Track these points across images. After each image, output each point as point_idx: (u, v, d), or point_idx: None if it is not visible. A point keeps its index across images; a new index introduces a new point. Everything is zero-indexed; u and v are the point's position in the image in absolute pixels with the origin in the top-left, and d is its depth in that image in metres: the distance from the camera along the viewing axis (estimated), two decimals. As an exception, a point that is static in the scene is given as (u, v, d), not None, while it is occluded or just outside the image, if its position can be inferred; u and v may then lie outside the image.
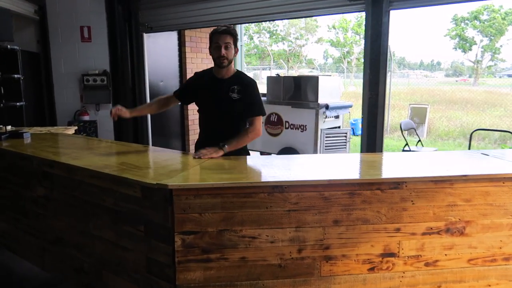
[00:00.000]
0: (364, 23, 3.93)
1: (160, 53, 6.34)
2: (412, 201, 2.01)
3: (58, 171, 2.39)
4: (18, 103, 3.14)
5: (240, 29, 7.69)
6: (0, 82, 3.12)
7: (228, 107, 2.48)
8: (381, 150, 3.90)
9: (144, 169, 2.11)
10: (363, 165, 2.38)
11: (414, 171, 2.19)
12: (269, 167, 2.20)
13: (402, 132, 5.88)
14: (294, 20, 31.82)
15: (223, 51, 2.39)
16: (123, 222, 2.13)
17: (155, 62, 6.24)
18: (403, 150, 5.79)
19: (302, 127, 5.83)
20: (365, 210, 1.99)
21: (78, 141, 3.07)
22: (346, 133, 6.00)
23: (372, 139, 3.85)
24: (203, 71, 2.66)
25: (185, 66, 6.64)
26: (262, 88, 6.81)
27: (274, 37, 32.58)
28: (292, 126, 5.94)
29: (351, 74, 29.42)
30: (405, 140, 5.75)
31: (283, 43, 33.32)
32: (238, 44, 2.59)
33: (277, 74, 6.32)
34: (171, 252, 1.91)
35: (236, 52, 2.48)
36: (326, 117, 5.75)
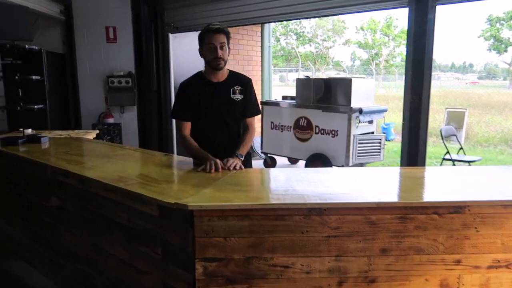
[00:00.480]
0: (402, 22, 3.56)
1: (185, 54, 6.14)
2: (476, 228, 1.69)
3: (72, 181, 2.18)
4: (36, 106, 2.97)
5: (269, 29, 7.44)
6: (18, 83, 2.96)
7: (232, 110, 2.34)
8: (423, 160, 3.54)
9: (163, 183, 1.86)
10: (413, 182, 2.06)
11: (478, 192, 1.85)
12: (304, 183, 1.91)
13: (442, 139, 5.45)
14: (322, 21, 31.42)
15: (219, 52, 2.21)
16: (138, 242, 1.90)
17: (181, 63, 6.05)
18: (444, 159, 5.36)
19: (333, 132, 5.50)
20: (419, 238, 1.68)
21: (97, 147, 2.88)
22: (380, 139, 5.62)
23: (413, 148, 3.49)
24: (190, 79, 2.40)
25: (211, 68, 6.42)
26: (291, 91, 6.53)
27: (301, 38, 32.19)
28: (322, 131, 5.62)
29: (379, 77, 28.68)
30: (446, 148, 5.31)
31: (310, 45, 32.88)
32: (230, 43, 2.34)
33: (307, 76, 6.01)
34: (192, 281, 1.66)
35: (229, 52, 2.31)
36: (359, 122, 5.39)
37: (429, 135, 10.57)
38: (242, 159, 2.23)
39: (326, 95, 5.61)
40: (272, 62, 8.23)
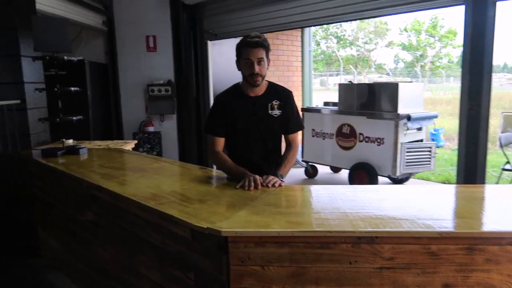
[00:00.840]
0: (462, 19, 3.25)
1: (224, 61, 6.07)
2: (562, 262, 1.41)
3: (105, 196, 2.11)
4: (75, 117, 2.96)
5: (309, 34, 7.23)
6: (57, 95, 2.97)
7: (271, 126, 2.21)
8: (483, 174, 3.19)
9: (196, 203, 1.73)
10: (479, 204, 1.79)
11: None
12: (352, 204, 1.70)
13: (501, 147, 4.98)
14: (363, 23, 30.75)
15: (256, 68, 2.05)
16: (170, 264, 1.78)
17: (219, 70, 5.98)
18: (504, 169, 4.90)
19: (378, 140, 5.19)
20: (489, 273, 1.43)
21: (132, 159, 2.81)
22: (430, 148, 5.24)
23: (472, 160, 3.15)
24: (226, 92, 2.27)
25: (251, 74, 6.31)
26: (332, 95, 6.28)
27: (341, 42, 31.58)
28: (367, 139, 5.32)
29: (425, 79, 27.50)
30: (506, 157, 4.85)
31: (351, 48, 32.16)
32: (270, 54, 2.17)
33: (349, 81, 5.75)
34: (225, 312, 1.50)
35: (268, 64, 2.14)
36: (407, 130, 5.05)
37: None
38: (283, 180, 2.06)
39: (371, 101, 5.32)
40: (313, 66, 8.01)
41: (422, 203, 1.77)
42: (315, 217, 1.54)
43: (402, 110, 5.01)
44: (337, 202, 1.73)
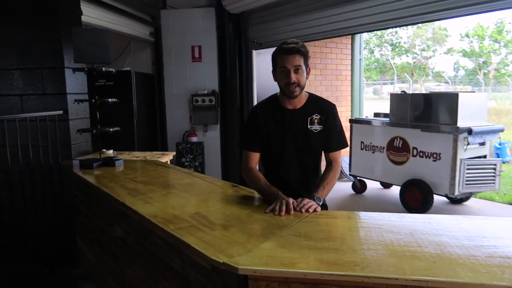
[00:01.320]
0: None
1: (268, 71, 5.92)
2: None
3: (131, 213, 2.00)
4: (111, 129, 2.92)
5: (360, 41, 6.89)
6: (96, 106, 2.96)
7: (309, 143, 1.99)
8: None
9: (218, 229, 1.55)
10: None
11: None
12: (402, 239, 1.44)
13: None
14: (420, 30, 29.53)
15: (293, 76, 1.86)
16: (191, 294, 1.61)
17: (264, 80, 5.84)
18: None
19: (434, 155, 4.75)
20: None
21: (164, 173, 2.71)
22: (495, 165, 4.71)
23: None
24: (262, 103, 2.10)
25: (297, 84, 6.11)
26: (386, 106, 5.88)
27: (397, 49, 30.43)
28: (421, 154, 4.90)
29: (488, 88, 25.67)
30: None
31: (407, 56, 30.88)
32: (309, 62, 1.96)
33: (403, 91, 5.35)
34: None
35: (308, 73, 1.95)
36: (467, 144, 4.57)
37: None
38: (321, 203, 1.84)
39: (427, 112, 4.90)
40: (365, 74, 7.62)
41: (498, 237, 1.45)
42: (353, 255, 1.30)
43: (462, 122, 4.55)
44: (383, 235, 1.47)
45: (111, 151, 3.69)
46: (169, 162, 3.67)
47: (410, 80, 27.69)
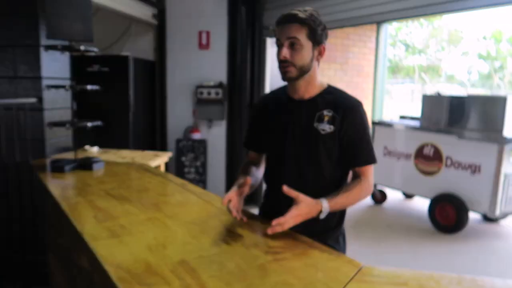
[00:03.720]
0: None
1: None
2: None
3: (88, 255, 1.41)
4: (90, 123, 2.33)
5: (385, 33, 6.19)
6: (75, 94, 2.36)
7: (313, 147, 1.44)
8: None
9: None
10: None
11: None
12: None
13: None
14: (436, 31, 28.88)
15: (284, 51, 1.38)
16: None
17: (278, 73, 5.21)
18: None
19: (473, 167, 4.10)
20: None
21: (151, 184, 2.11)
22: (543, 182, 4.05)
23: None
24: (269, 93, 1.69)
25: (314, 79, 5.48)
26: (397, 106, 5.25)
27: (410, 49, 29.68)
28: (456, 165, 4.25)
29: (503, 93, 24.90)
30: None
31: (420, 56, 30.14)
32: (322, 38, 1.45)
33: (437, 92, 4.69)
34: None
35: (321, 53, 1.45)
36: (516, 157, 3.93)
37: None
38: (326, 209, 1.32)
39: (465, 117, 4.24)
40: (387, 73, 6.95)
41: None
42: None
43: (509, 131, 3.89)
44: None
45: (95, 149, 3.10)
46: (163, 165, 3.08)
47: (425, 80, 27.01)
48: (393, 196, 5.50)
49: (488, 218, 4.62)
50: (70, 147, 3.07)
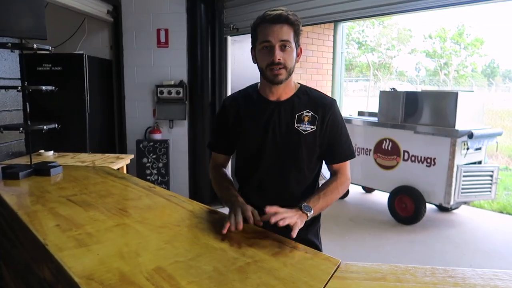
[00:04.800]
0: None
1: (245, 61, 5.28)
2: None
3: (54, 266, 1.32)
4: (46, 126, 2.19)
5: (342, 32, 6.36)
6: (27, 96, 2.21)
7: (295, 147, 1.47)
8: None
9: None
10: None
11: None
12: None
13: None
14: (386, 30, 30.14)
15: (278, 54, 1.37)
16: None
17: (240, 71, 5.19)
18: None
19: (429, 160, 4.30)
20: None
21: (116, 188, 2.02)
22: (492, 172, 4.32)
23: None
24: (238, 93, 1.62)
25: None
26: (351, 102, 5.40)
27: (363, 48, 30.70)
28: (413, 158, 4.43)
29: (448, 88, 26.39)
30: None
31: (372, 54, 31.29)
32: (300, 40, 1.47)
33: (393, 88, 4.87)
34: None
35: (299, 54, 1.47)
36: (467, 149, 4.15)
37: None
38: (308, 216, 1.34)
39: (421, 112, 4.43)
40: (344, 70, 7.12)
41: None
42: None
43: (461, 125, 4.11)
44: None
45: (50, 153, 2.94)
46: (125, 167, 2.97)
47: (379, 77, 27.96)
48: (354, 190, 5.65)
49: (442, 208, 4.86)
50: (22, 151, 2.89)
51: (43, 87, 2.18)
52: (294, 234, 1.26)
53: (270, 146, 1.48)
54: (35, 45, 2.13)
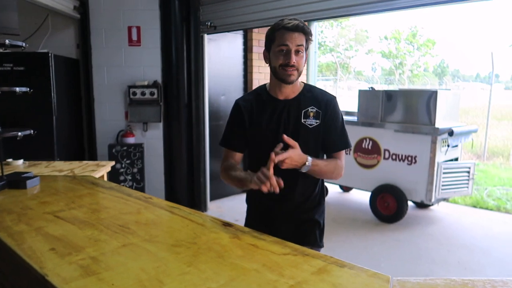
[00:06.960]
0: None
1: (222, 60, 5.11)
2: None
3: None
4: (20, 133, 1.93)
5: (315, 31, 6.31)
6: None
7: (303, 140, 1.61)
8: None
9: None
10: None
11: None
12: None
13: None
14: (344, 31, 30.99)
15: (293, 58, 1.56)
16: None
17: (217, 71, 5.01)
18: None
19: (409, 158, 4.33)
20: None
21: (108, 201, 1.81)
22: (469, 168, 4.42)
23: None
24: (248, 95, 1.80)
25: (251, 76, 5.38)
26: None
27: (322, 48, 31.31)
28: (394, 157, 4.45)
29: (403, 87, 27.45)
30: None
31: (332, 55, 32.00)
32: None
33: (371, 87, 4.88)
34: None
35: (305, 60, 1.67)
36: (448, 147, 4.22)
37: (495, 154, 9.26)
38: (309, 164, 1.51)
39: (400, 111, 4.45)
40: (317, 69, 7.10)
41: None
42: None
43: (440, 123, 4.17)
44: None
45: (20, 162, 2.64)
46: (105, 176, 2.73)
47: (337, 77, 28.53)
48: (332, 190, 5.63)
49: (419, 205, 4.93)
50: (-12, 161, 2.57)
51: (17, 89, 1.92)
52: (282, 157, 1.43)
53: (282, 141, 1.56)
54: (7, 41, 1.88)
